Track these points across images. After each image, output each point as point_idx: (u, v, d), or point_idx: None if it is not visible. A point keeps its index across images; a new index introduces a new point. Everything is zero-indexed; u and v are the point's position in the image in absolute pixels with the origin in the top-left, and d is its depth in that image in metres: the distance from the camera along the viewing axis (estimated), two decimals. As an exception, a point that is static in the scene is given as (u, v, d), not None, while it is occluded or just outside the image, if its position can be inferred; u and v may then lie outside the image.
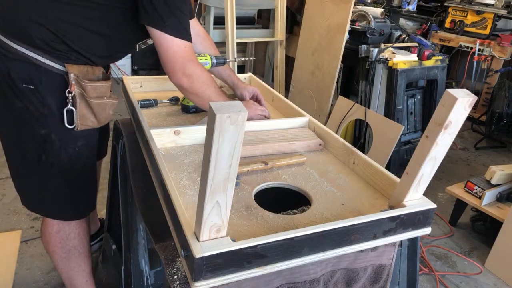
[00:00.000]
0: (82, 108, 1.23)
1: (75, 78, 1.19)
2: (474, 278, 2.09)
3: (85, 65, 1.23)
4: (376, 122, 2.56)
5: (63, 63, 1.19)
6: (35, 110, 1.21)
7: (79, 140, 1.30)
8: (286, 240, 0.82)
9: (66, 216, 1.40)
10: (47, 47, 1.17)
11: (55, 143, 1.26)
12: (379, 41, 2.83)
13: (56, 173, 1.30)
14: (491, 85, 3.89)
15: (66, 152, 1.28)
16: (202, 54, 1.59)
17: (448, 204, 2.67)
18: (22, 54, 1.16)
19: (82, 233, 1.44)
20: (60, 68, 1.20)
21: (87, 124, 1.26)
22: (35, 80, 1.18)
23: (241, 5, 3.48)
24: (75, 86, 1.20)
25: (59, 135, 1.25)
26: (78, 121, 1.23)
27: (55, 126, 1.24)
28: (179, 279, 0.86)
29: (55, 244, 1.41)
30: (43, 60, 1.17)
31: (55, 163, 1.28)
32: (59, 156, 1.28)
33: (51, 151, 1.26)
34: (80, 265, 1.48)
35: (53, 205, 1.37)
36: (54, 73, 1.19)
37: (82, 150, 1.32)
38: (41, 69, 1.18)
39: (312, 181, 1.16)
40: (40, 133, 1.24)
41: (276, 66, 3.69)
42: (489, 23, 3.88)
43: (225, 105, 0.66)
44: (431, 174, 0.94)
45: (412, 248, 1.18)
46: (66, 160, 1.29)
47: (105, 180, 1.79)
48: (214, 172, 0.70)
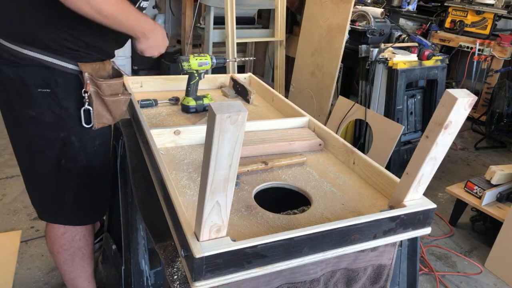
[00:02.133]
0: (97, 106, 1.22)
1: (90, 77, 1.19)
2: (474, 278, 2.09)
3: (96, 62, 1.22)
4: (376, 122, 2.56)
5: (76, 63, 1.18)
6: (52, 114, 1.20)
7: (96, 140, 1.30)
8: (286, 240, 0.82)
9: (86, 220, 1.40)
10: (59, 47, 1.16)
11: (75, 145, 1.26)
12: (379, 41, 2.83)
13: (76, 176, 1.29)
14: (491, 85, 3.89)
15: (86, 153, 1.28)
16: (202, 54, 1.59)
17: (448, 204, 2.67)
18: (35, 59, 1.15)
19: (88, 234, 1.44)
20: (74, 68, 1.19)
21: (103, 122, 1.26)
22: (51, 83, 1.17)
23: (241, 5, 3.48)
24: (90, 85, 1.19)
25: (79, 136, 1.25)
26: (95, 120, 1.23)
27: (74, 128, 1.23)
28: (179, 279, 0.86)
29: (60, 246, 1.40)
30: (56, 61, 1.16)
31: (74, 166, 1.28)
32: (78, 158, 1.28)
33: (71, 153, 1.26)
34: (83, 267, 1.47)
35: (73, 211, 1.35)
36: (68, 73, 1.19)
37: (99, 149, 1.32)
38: (55, 71, 1.17)
39: (312, 181, 1.16)
40: (60, 136, 1.23)
41: (276, 66, 3.69)
42: (489, 23, 3.88)
43: (225, 105, 0.66)
44: (431, 174, 0.94)
45: (412, 248, 1.18)
46: (85, 161, 1.29)
47: (105, 180, 1.80)
48: (214, 172, 0.70)
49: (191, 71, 1.57)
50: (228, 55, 3.24)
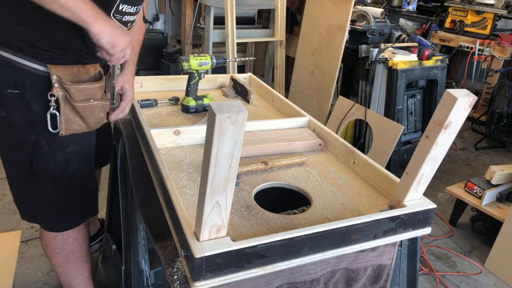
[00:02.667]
0: (67, 112, 1.17)
1: (58, 80, 1.13)
2: (474, 278, 2.09)
3: (75, 65, 1.17)
4: (376, 122, 2.56)
5: (46, 64, 1.13)
6: (22, 116, 1.16)
7: (69, 146, 1.24)
8: (286, 240, 0.82)
9: (59, 227, 1.36)
10: (29, 47, 1.11)
11: (44, 149, 1.21)
12: (379, 41, 2.83)
13: (47, 181, 1.25)
14: (491, 85, 3.89)
15: (55, 159, 1.23)
16: (202, 54, 1.59)
17: (448, 204, 2.67)
18: (4, 59, 1.11)
19: (80, 238, 1.42)
20: (43, 70, 1.14)
21: (74, 129, 1.20)
22: (20, 84, 1.13)
23: (241, 5, 3.48)
24: (58, 89, 1.14)
25: (48, 141, 1.20)
26: (62, 125, 1.17)
27: (43, 132, 1.18)
28: (179, 279, 0.86)
29: (53, 249, 1.39)
30: (25, 62, 1.12)
31: (45, 170, 1.23)
32: (48, 163, 1.23)
33: (41, 157, 1.22)
34: (78, 269, 1.46)
35: (47, 216, 1.33)
36: (37, 75, 1.14)
37: (72, 157, 1.26)
38: (24, 72, 1.13)
39: (312, 181, 1.16)
40: (31, 138, 1.19)
41: (276, 66, 3.69)
42: (489, 23, 3.88)
43: (225, 105, 0.66)
44: (431, 174, 0.94)
45: (412, 248, 1.18)
46: (55, 167, 1.24)
47: (105, 180, 1.79)
48: (214, 172, 0.70)
49: (191, 71, 1.57)
50: (228, 55, 3.24)
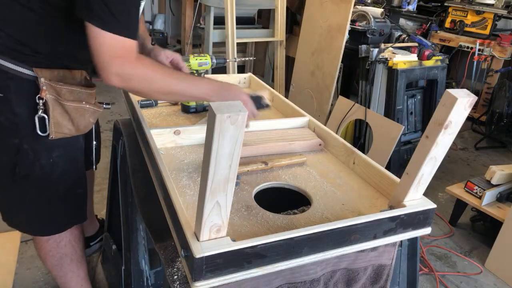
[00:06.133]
0: (56, 115, 1.15)
1: (47, 82, 1.12)
2: (474, 278, 2.09)
3: (60, 69, 1.16)
4: (376, 122, 2.56)
5: (32, 68, 1.11)
6: (5, 119, 1.14)
7: (54, 151, 1.22)
8: (286, 240, 0.82)
9: (43, 232, 1.34)
10: (12, 51, 1.10)
11: (28, 154, 1.18)
12: (379, 41, 2.83)
13: (31, 186, 1.23)
14: (491, 85, 3.89)
15: (40, 164, 1.20)
16: (202, 54, 1.59)
17: (448, 204, 2.67)
18: None
19: (74, 240, 1.40)
20: (29, 73, 1.12)
21: (63, 132, 1.19)
22: (3, 87, 1.11)
23: (241, 5, 3.48)
24: (47, 91, 1.12)
25: (31, 145, 1.18)
26: (52, 128, 1.16)
27: (27, 136, 1.16)
28: (179, 279, 0.86)
29: (46, 252, 1.39)
30: (9, 65, 1.10)
31: (29, 175, 1.20)
32: (33, 168, 1.20)
33: (24, 162, 1.19)
34: (73, 271, 1.45)
35: (31, 221, 1.30)
36: (22, 78, 1.12)
37: (58, 162, 1.23)
38: (8, 75, 1.11)
39: (312, 181, 1.16)
40: (14, 142, 1.17)
41: (276, 66, 3.69)
42: (489, 23, 3.88)
43: (225, 105, 0.66)
44: (431, 174, 0.94)
45: (412, 248, 1.18)
46: (40, 172, 1.21)
47: (105, 180, 1.79)
48: (214, 172, 0.70)
49: (191, 71, 1.57)
50: (228, 55, 3.24)
